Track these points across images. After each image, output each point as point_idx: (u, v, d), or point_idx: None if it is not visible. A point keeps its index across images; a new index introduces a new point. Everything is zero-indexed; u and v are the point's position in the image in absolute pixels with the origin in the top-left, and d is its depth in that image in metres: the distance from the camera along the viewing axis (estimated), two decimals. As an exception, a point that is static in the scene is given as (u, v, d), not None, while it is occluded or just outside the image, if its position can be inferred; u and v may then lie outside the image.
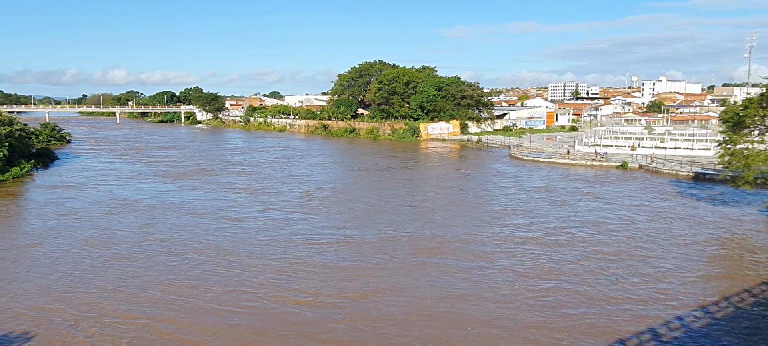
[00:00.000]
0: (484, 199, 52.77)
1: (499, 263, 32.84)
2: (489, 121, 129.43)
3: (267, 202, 51.57)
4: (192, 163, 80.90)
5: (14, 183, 63.63)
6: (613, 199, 51.69)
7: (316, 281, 30.08)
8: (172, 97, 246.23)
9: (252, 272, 31.74)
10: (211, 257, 34.47)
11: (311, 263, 33.03)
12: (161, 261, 33.79)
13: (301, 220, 44.24)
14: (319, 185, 61.69)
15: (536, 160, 79.40)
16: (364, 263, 33.46)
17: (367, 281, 30.31)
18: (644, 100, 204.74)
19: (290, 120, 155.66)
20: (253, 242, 37.83)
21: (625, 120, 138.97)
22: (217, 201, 52.18)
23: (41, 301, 27.46)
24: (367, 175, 69.08)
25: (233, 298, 27.81)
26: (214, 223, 43.36)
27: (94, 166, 78.15)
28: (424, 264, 32.95)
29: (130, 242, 37.78)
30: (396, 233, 39.96)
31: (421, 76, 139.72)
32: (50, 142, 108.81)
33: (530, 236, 38.66)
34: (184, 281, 30.34)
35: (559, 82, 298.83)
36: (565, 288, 28.69)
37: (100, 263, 33.27)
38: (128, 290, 28.89)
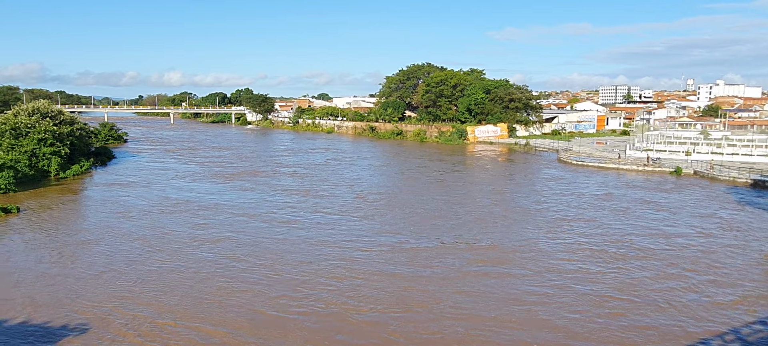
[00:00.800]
0: (541, 205, 50.99)
1: (566, 275, 31.22)
2: (537, 124, 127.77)
3: (319, 204, 51.14)
4: (243, 164, 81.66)
5: (74, 180, 65.78)
6: (677, 208, 49.30)
7: (370, 289, 29.17)
8: (224, 98, 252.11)
9: (304, 277, 31.14)
10: (262, 260, 34.16)
11: (365, 270, 32.22)
12: (213, 263, 33.64)
13: (353, 224, 43.62)
14: (370, 188, 61.05)
15: (586, 164, 77.99)
16: (420, 271, 32.29)
17: (425, 290, 29.12)
18: (700, 105, 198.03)
19: (338, 122, 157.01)
20: (305, 245, 37.37)
21: (680, 124, 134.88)
22: (269, 203, 52.18)
23: (96, 298, 27.71)
24: (418, 178, 68.13)
25: (285, 304, 27.19)
26: (265, 225, 43.21)
27: (148, 166, 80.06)
28: (485, 274, 31.60)
29: (183, 243, 37.90)
30: (453, 240, 38.73)
31: (469, 78, 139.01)
32: (108, 141, 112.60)
33: (596, 247, 36.85)
34: (235, 284, 30.04)
35: (611, 86, 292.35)
36: (639, 303, 26.97)
37: (153, 263, 33.42)
38: (181, 291, 28.80)
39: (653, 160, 75.94)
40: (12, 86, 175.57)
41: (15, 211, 47.38)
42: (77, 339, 23.42)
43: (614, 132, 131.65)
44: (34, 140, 66.75)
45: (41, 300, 27.46)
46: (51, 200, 53.76)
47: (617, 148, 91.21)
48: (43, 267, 32.84)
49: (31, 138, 66.75)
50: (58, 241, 38.79)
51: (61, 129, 70.54)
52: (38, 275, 31.39)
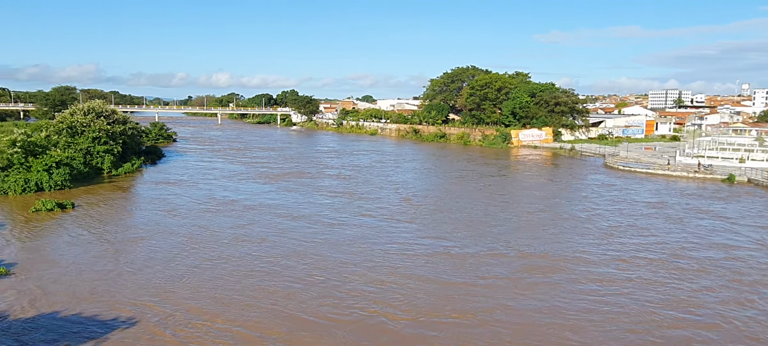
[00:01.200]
0: (591, 212, 49.56)
1: (620, 288, 30.11)
2: (583, 129, 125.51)
3: (363, 207, 50.94)
4: (288, 165, 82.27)
5: (125, 178, 67.66)
6: (735, 218, 47.25)
7: (414, 296, 28.67)
8: (270, 99, 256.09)
9: (346, 281, 30.79)
10: (304, 262, 34.08)
11: (409, 276, 31.70)
12: (255, 264, 33.77)
13: (398, 228, 43.25)
14: (415, 191, 60.69)
15: (633, 170, 76.26)
16: (466, 278, 31.56)
17: (471, 299, 28.42)
18: (756, 110, 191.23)
19: (381, 124, 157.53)
20: (349, 248, 37.15)
21: (734, 130, 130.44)
22: (313, 204, 52.17)
23: (136, 295, 28.39)
24: (463, 182, 67.31)
25: (326, 308, 27.00)
26: (309, 227, 43.24)
27: (196, 165, 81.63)
28: (534, 284, 30.71)
29: (227, 243, 38.33)
30: (499, 247, 38.01)
31: (514, 82, 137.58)
32: (158, 140, 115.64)
33: (650, 258, 35.55)
34: (277, 286, 30.02)
35: (661, 90, 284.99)
36: (700, 322, 25.87)
37: (194, 262, 33.90)
38: (221, 292, 28.98)
39: (705, 167, 73.74)
40: (69, 86, 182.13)
41: (70, 206, 49.24)
42: (114, 335, 23.88)
43: (664, 137, 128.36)
44: (89, 139, 69.17)
45: (83, 295, 28.32)
46: (103, 196, 55.46)
47: (666, 154, 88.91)
48: (92, 262, 33.82)
49: (86, 136, 69.18)
50: (106, 238, 39.85)
51: (115, 128, 72.90)
52: (86, 269, 32.39)
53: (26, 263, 33.50)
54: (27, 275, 31.42)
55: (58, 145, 67.22)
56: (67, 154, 63.48)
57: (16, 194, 54.45)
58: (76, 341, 23.38)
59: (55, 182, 57.04)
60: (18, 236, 39.73)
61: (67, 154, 63.88)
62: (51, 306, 26.83)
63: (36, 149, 59.43)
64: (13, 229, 41.79)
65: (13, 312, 26.18)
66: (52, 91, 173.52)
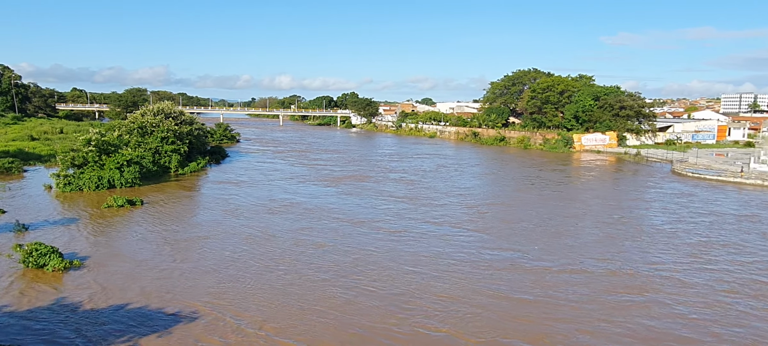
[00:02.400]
0: (675, 225, 46.30)
1: (724, 314, 27.37)
2: (650, 133, 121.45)
3: (427, 214, 49.57)
4: (350, 168, 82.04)
5: (191, 177, 69.77)
6: None
7: (486, 315, 26.79)
8: (330, 101, 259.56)
9: (411, 294, 29.21)
10: (366, 271, 32.91)
11: (482, 291, 29.71)
12: (312, 270, 32.92)
13: (465, 237, 41.45)
14: (480, 197, 58.97)
15: (703, 177, 73.26)
16: (543, 296, 29.30)
17: (549, 321, 26.22)
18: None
19: (440, 127, 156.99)
20: (414, 258, 35.63)
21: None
22: (375, 210, 51.22)
23: (191, 294, 28.73)
24: (529, 189, 65.23)
25: (388, 324, 25.55)
26: (372, 232, 42.27)
27: (258, 166, 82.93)
28: (621, 306, 28.16)
29: (286, 246, 38.02)
30: (578, 261, 35.60)
31: (577, 85, 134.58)
32: (223, 141, 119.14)
33: (754, 279, 32.64)
34: (334, 294, 29.03)
35: (735, 93, 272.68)
36: None
37: (253, 265, 33.72)
38: (276, 298, 28.48)
39: (781, 176, 70.17)
40: (141, 88, 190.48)
41: (139, 203, 51.30)
42: (164, 334, 24.17)
43: (737, 143, 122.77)
44: (158, 138, 71.85)
45: (145, 291, 28.99)
46: (170, 194, 57.34)
47: (740, 161, 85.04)
48: (156, 260, 34.87)
49: (155, 136, 71.88)
50: (170, 236, 40.91)
51: (182, 128, 75.51)
52: (150, 266, 33.42)
53: (97, 257, 34.91)
54: (98, 268, 32.72)
55: (130, 144, 70.04)
56: (138, 153, 66.05)
57: (90, 190, 57.09)
58: (141, 334, 24.16)
59: (125, 180, 59.50)
60: (91, 231, 41.55)
61: (138, 153, 66.47)
62: (119, 299, 27.86)
63: (109, 148, 62.12)
64: (86, 223, 43.75)
65: (83, 304, 27.43)
66: (124, 92, 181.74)
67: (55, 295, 28.45)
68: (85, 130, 67.46)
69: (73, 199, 53.68)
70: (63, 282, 30.36)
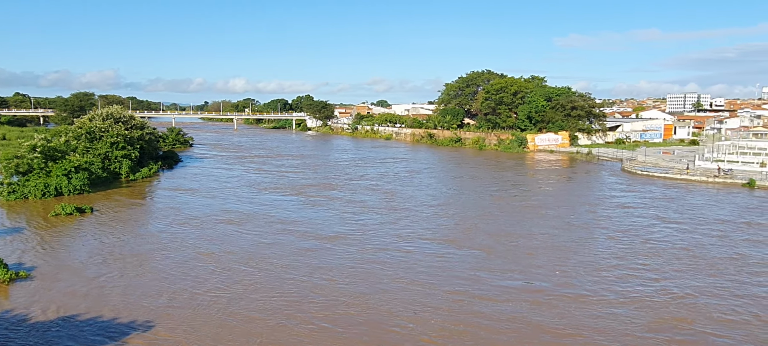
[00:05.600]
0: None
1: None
2: (600, 133, 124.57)
3: (402, 227, 45.15)
4: (313, 175, 77.55)
5: (143, 182, 68.34)
6: None
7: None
8: (285, 104, 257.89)
9: (400, 329, 25.04)
10: (336, 297, 28.92)
11: (486, 326, 25.41)
12: (276, 297, 28.89)
13: (457, 256, 36.78)
14: (454, 207, 54.45)
15: (651, 175, 75.49)
16: (574, 325, 25.49)
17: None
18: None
19: (396, 128, 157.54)
20: (397, 283, 31.08)
21: (754, 134, 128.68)
22: (344, 222, 46.86)
23: (149, 311, 27.07)
24: (512, 198, 60.10)
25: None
26: (341, 249, 38.04)
27: (213, 172, 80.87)
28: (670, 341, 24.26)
29: (240, 266, 34.36)
30: (598, 286, 30.76)
31: (530, 86, 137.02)
32: (175, 145, 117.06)
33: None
34: (299, 329, 25.12)
35: (680, 93, 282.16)
36: None
37: (200, 287, 30.57)
38: (226, 329, 25.26)
39: (724, 172, 72.78)
40: (88, 92, 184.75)
41: (89, 211, 49.77)
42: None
43: (682, 142, 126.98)
44: (107, 144, 69.92)
45: (81, 307, 27.53)
46: (120, 202, 55.97)
47: (685, 159, 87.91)
48: (103, 271, 33.74)
49: (105, 141, 69.95)
50: (120, 248, 38.90)
51: (132, 133, 73.72)
52: (96, 279, 32.15)
53: (45, 268, 33.92)
54: (45, 280, 31.78)
55: (77, 150, 68.06)
56: (86, 159, 64.19)
57: (36, 198, 55.15)
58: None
59: (74, 187, 57.67)
60: (38, 240, 40.28)
61: (86, 159, 64.61)
62: (67, 312, 27.04)
63: (55, 154, 60.17)
64: (33, 233, 42.38)
65: (32, 316, 26.49)
66: (71, 96, 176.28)
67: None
68: (30, 136, 65.21)
69: (18, 208, 51.93)
70: (9, 294, 29.36)
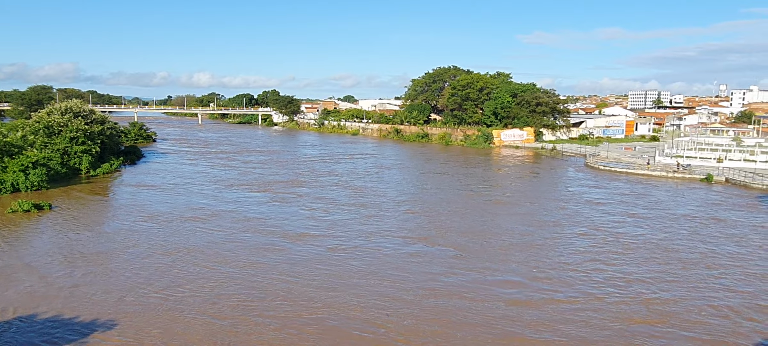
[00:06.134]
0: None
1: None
2: (564, 129, 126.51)
3: (374, 224, 43.75)
4: (281, 171, 75.99)
5: (104, 178, 66.80)
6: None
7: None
8: (251, 99, 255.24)
9: (375, 333, 24.12)
10: (307, 299, 27.63)
11: (462, 327, 24.78)
12: (242, 297, 27.90)
13: (430, 257, 35.21)
14: (432, 207, 52.08)
15: (613, 170, 76.91)
16: (549, 327, 24.72)
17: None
18: (733, 111, 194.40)
19: (363, 124, 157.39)
20: (368, 283, 29.99)
21: (711, 131, 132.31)
22: (312, 220, 45.43)
23: (109, 313, 26.18)
24: (482, 195, 59.10)
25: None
26: (310, 249, 36.71)
27: (177, 167, 79.61)
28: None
29: (207, 261, 33.58)
30: (576, 285, 30.17)
31: (496, 82, 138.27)
32: (138, 140, 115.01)
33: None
34: (264, 329, 24.33)
35: (641, 91, 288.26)
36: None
37: (171, 284, 29.79)
38: (193, 324, 24.60)
39: (683, 167, 74.58)
40: (46, 86, 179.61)
41: (47, 208, 48.39)
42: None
43: (643, 138, 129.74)
44: (67, 139, 68.13)
45: (40, 309, 26.44)
46: (80, 198, 54.59)
47: (646, 154, 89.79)
48: (62, 271, 32.68)
49: (64, 136, 68.13)
50: (80, 246, 37.63)
51: (93, 128, 71.92)
52: (55, 279, 31.10)
53: (1, 267, 32.78)
54: (2, 279, 30.72)
55: (35, 145, 66.15)
56: (44, 155, 62.43)
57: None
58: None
59: (31, 183, 56.02)
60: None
61: (44, 154, 62.84)
62: (25, 312, 26.22)
63: (12, 149, 58.38)
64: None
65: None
66: (28, 90, 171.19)
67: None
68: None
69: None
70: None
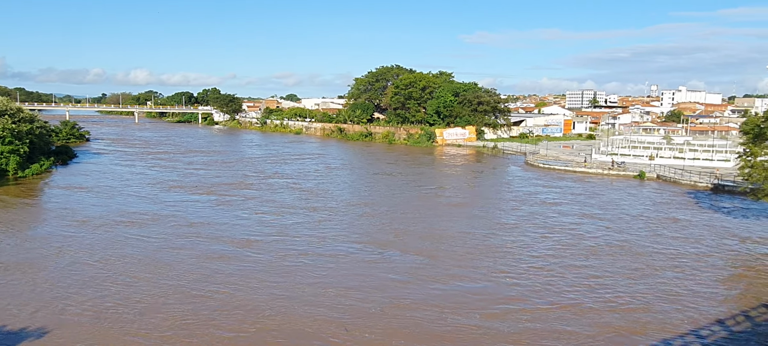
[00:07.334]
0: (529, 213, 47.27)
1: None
2: (505, 127, 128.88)
3: (329, 229, 42.05)
4: (225, 172, 73.12)
5: (34, 180, 64.06)
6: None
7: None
8: (191, 97, 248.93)
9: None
10: (256, 312, 25.99)
11: (426, 339, 23.60)
12: (182, 310, 26.18)
13: (390, 264, 33.77)
14: (387, 210, 50.37)
15: (552, 168, 78.77)
16: (522, 337, 24.04)
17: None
18: (663, 110, 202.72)
19: (306, 123, 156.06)
20: (323, 294, 28.43)
21: (644, 129, 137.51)
22: (265, 225, 43.28)
23: (35, 326, 24.63)
24: (435, 196, 58.82)
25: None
26: (258, 254, 35.22)
27: (112, 169, 76.43)
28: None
29: (145, 271, 31.68)
30: (546, 292, 29.35)
31: (438, 81, 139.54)
32: (70, 140, 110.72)
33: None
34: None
35: (578, 90, 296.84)
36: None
37: (104, 296, 27.80)
38: (127, 341, 23.20)
39: (618, 165, 77.06)
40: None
41: (-30, 211, 45.78)
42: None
43: (580, 136, 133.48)
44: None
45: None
46: (6, 202, 52.01)
47: (583, 152, 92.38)
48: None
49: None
50: (4, 254, 35.43)
51: (20, 127, 68.45)
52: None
53: None
54: None
55: (-43, 145, 62.44)
56: (-33, 155, 59.01)
57: None
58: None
59: (-48, 185, 52.85)
60: None
61: (-33, 155, 59.40)
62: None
63: (-70, 150, 54.89)
64: None
65: None
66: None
67: None
68: None
69: None
70: None
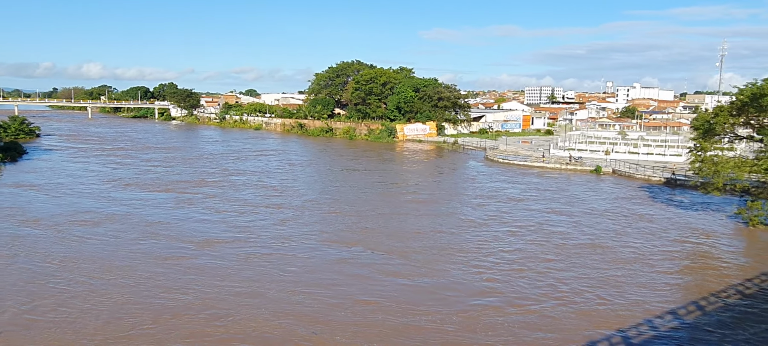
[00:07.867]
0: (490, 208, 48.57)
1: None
2: (465, 123, 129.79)
3: (294, 231, 40.63)
4: (184, 170, 70.98)
5: (-23, 179, 61.54)
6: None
7: None
8: (146, 92, 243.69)
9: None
10: (219, 316, 25.16)
11: (399, 343, 23.06)
12: (139, 316, 25.16)
13: (360, 264, 33.24)
14: (353, 207, 49.91)
15: (511, 163, 79.66)
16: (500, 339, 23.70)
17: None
18: (618, 106, 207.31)
19: (266, 118, 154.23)
20: (289, 296, 27.64)
21: (600, 125, 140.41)
22: (227, 225, 42.03)
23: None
24: (401, 194, 58.30)
25: None
26: (221, 254, 34.19)
27: (65, 166, 73.63)
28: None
29: (99, 273, 30.52)
30: (526, 292, 28.96)
31: (399, 77, 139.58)
32: (19, 135, 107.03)
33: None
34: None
35: (536, 86, 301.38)
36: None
37: (54, 302, 26.58)
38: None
39: (575, 159, 78.33)
40: None
41: None
42: None
43: (539, 131, 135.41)
44: (-68, 134, 61.89)
45: None
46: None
47: (541, 148, 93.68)
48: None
49: (-72, 132, 61.87)
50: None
51: (-36, 123, 65.83)
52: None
53: None
54: None
55: None
56: None
57: None
58: None
59: None
60: None
61: None
62: None
63: None
64: None
65: None
66: None
67: None
68: None
69: None
70: None
